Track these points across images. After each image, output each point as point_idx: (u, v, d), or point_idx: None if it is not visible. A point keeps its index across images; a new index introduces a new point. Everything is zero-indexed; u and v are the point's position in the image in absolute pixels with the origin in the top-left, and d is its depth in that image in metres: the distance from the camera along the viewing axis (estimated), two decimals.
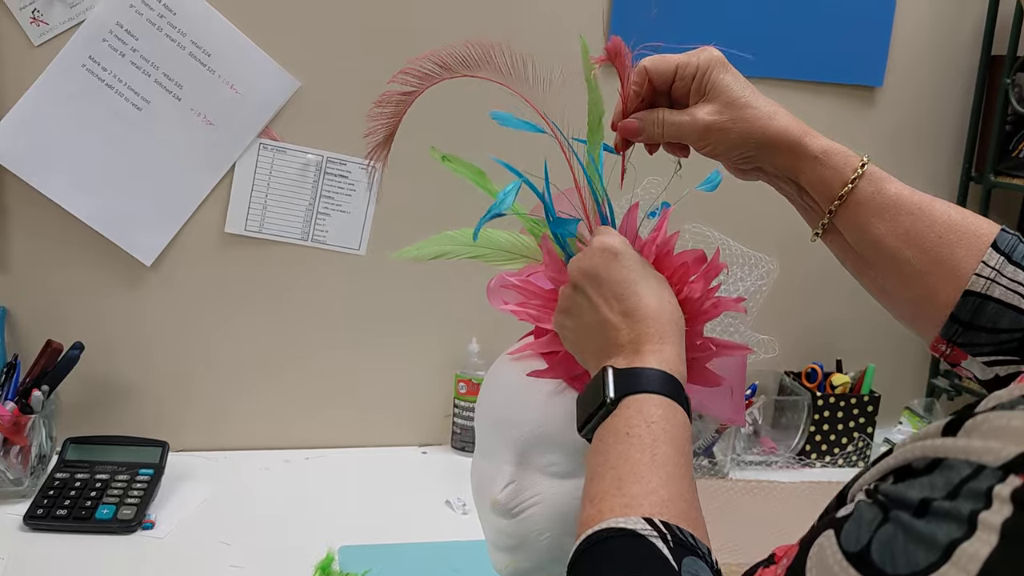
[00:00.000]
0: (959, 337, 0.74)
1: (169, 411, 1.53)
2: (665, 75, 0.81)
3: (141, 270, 1.47)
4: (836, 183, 0.77)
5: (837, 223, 0.79)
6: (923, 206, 0.75)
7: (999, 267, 0.72)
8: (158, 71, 1.39)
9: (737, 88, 0.79)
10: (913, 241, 0.75)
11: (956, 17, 1.71)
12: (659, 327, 0.71)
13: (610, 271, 0.73)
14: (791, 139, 0.77)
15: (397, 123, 0.87)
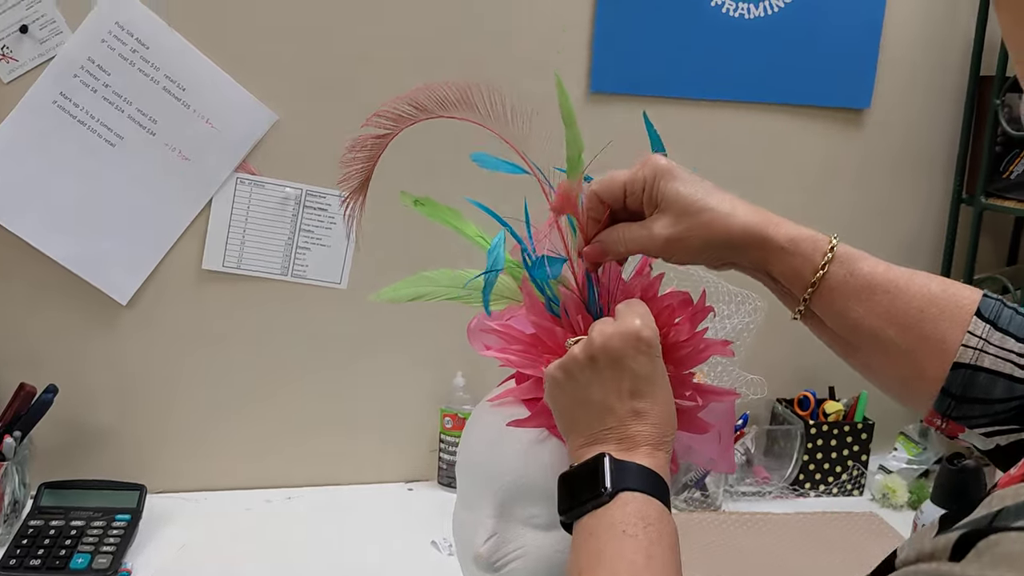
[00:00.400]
0: (953, 411, 0.71)
1: (148, 452, 1.49)
2: (615, 195, 0.78)
3: (117, 310, 1.43)
4: (807, 270, 0.74)
5: (814, 308, 0.76)
6: (900, 282, 0.73)
7: (986, 336, 0.70)
8: (131, 106, 1.36)
9: (688, 194, 0.75)
10: (894, 320, 0.72)
11: (944, 38, 1.69)
12: (662, 435, 0.70)
13: (636, 363, 0.71)
14: (754, 234, 0.74)
15: (372, 167, 0.84)
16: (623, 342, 0.71)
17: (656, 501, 0.67)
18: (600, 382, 0.71)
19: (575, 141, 0.86)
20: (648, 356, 0.71)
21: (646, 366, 0.71)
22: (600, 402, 0.71)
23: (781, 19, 1.58)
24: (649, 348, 0.71)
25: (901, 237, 1.75)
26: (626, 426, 0.70)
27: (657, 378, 0.72)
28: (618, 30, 1.51)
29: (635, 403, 0.70)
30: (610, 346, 0.71)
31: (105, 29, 1.33)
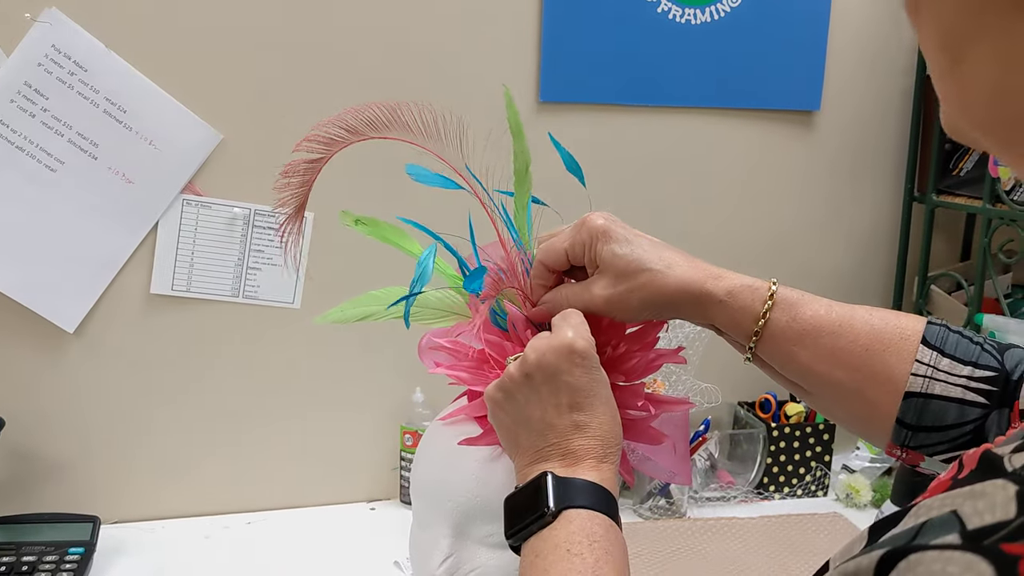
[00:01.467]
0: (910, 440, 0.71)
1: (100, 482, 1.46)
2: (560, 262, 0.79)
3: (64, 338, 1.40)
4: (748, 320, 0.74)
5: (762, 355, 0.76)
6: (843, 322, 0.73)
7: (934, 363, 0.70)
8: (71, 130, 1.33)
9: (624, 255, 0.75)
10: (841, 361, 0.72)
11: (889, 38, 1.70)
12: (605, 447, 0.69)
13: (572, 376, 0.70)
14: (691, 291, 0.74)
15: (307, 193, 0.83)
16: (557, 356, 0.70)
17: (602, 516, 0.66)
18: (538, 399, 0.70)
19: (522, 153, 0.85)
20: (584, 368, 0.70)
21: (582, 378, 0.70)
22: (540, 419, 0.70)
23: (728, 24, 1.58)
24: (584, 360, 0.70)
25: (855, 236, 1.76)
26: (568, 440, 0.69)
27: (596, 389, 0.70)
28: (565, 39, 1.51)
29: (575, 416, 0.69)
30: (544, 362, 0.70)
31: (41, 52, 1.30)
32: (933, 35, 0.43)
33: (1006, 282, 1.74)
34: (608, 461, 0.69)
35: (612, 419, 0.71)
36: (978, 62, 0.40)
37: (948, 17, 0.41)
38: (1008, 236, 1.57)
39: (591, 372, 0.70)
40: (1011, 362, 0.70)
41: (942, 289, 1.71)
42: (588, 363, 0.70)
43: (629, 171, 1.59)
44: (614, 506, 0.68)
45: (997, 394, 0.69)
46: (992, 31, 0.39)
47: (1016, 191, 1.51)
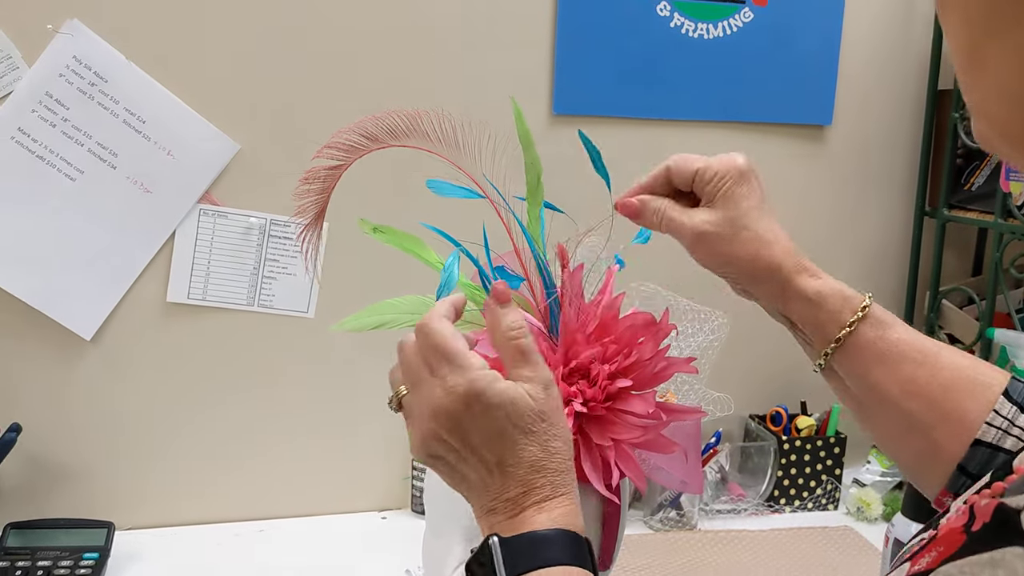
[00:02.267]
0: (966, 490, 0.69)
1: (115, 489, 1.47)
2: (685, 176, 0.77)
3: (81, 345, 1.41)
4: (832, 326, 0.73)
5: (835, 366, 0.74)
6: (928, 353, 0.71)
7: (1012, 417, 0.68)
8: (91, 140, 1.35)
9: (743, 206, 0.75)
10: (917, 391, 0.70)
11: (901, 53, 1.71)
12: (546, 481, 0.63)
13: (476, 422, 0.63)
14: (781, 275, 0.73)
15: (326, 199, 0.84)
16: (454, 405, 0.63)
17: (560, 569, 0.59)
18: (458, 457, 0.64)
19: (534, 165, 0.87)
20: (482, 409, 0.62)
21: (488, 421, 0.63)
22: (473, 477, 0.64)
23: (740, 39, 1.59)
24: (477, 401, 0.62)
25: (866, 251, 1.77)
26: (506, 490, 0.63)
27: (503, 426, 0.63)
28: (578, 53, 1.52)
29: (501, 464, 0.63)
30: (448, 412, 0.63)
31: (63, 63, 1.32)
32: (956, 32, 0.42)
33: (1018, 297, 1.74)
34: (558, 494, 0.63)
35: (542, 446, 0.63)
36: (999, 62, 0.40)
37: (971, 13, 0.41)
38: (1020, 251, 1.58)
39: (490, 412, 0.62)
40: None
41: (953, 304, 1.71)
42: (484, 400, 0.62)
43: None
44: (572, 541, 0.62)
45: None
46: (1013, 30, 0.39)
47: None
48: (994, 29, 0.40)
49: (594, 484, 0.78)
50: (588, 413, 0.79)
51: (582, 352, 0.80)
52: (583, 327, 0.82)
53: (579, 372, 0.81)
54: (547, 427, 0.64)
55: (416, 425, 0.68)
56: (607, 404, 0.80)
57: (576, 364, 0.80)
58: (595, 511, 0.82)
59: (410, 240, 0.87)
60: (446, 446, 0.65)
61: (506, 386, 0.63)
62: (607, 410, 0.80)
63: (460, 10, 1.48)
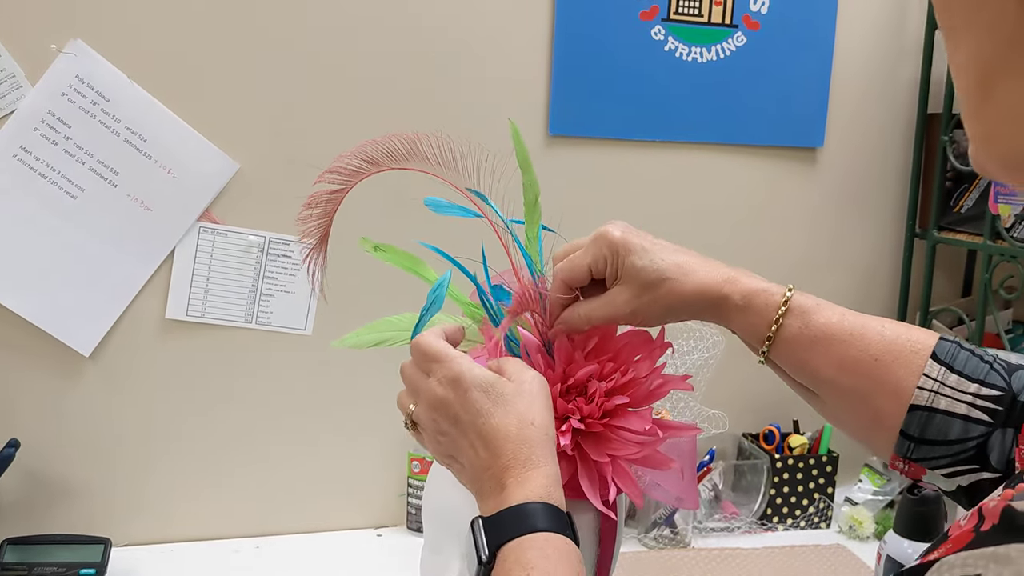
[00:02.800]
0: (913, 453, 0.73)
1: (113, 505, 1.47)
2: (582, 279, 0.81)
3: (79, 361, 1.42)
4: (762, 325, 0.77)
5: (774, 359, 0.78)
6: (854, 331, 0.75)
7: (941, 378, 0.72)
8: (93, 158, 1.36)
9: (645, 267, 0.78)
10: (850, 368, 0.74)
11: (891, 77, 1.74)
12: (521, 450, 0.69)
13: (461, 403, 0.72)
14: (709, 296, 0.77)
15: (329, 223, 0.86)
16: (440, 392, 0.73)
17: (537, 536, 0.65)
18: (459, 447, 0.72)
19: (532, 186, 0.88)
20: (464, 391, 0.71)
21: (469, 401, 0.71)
22: (470, 465, 0.72)
23: (733, 62, 1.62)
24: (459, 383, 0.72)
25: (858, 272, 1.79)
26: (490, 466, 0.70)
27: (481, 401, 0.71)
28: (574, 75, 1.55)
29: (480, 435, 0.70)
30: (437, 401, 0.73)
31: (65, 82, 1.34)
32: (965, 63, 0.43)
33: (1007, 318, 1.76)
34: (533, 465, 0.69)
35: (519, 420, 0.70)
36: (1009, 94, 0.41)
37: (983, 47, 0.42)
38: (1009, 272, 1.60)
39: (470, 390, 0.71)
40: (1019, 383, 0.71)
41: (944, 324, 1.73)
42: (463, 382, 0.72)
43: (636, 204, 1.62)
44: (549, 512, 0.67)
45: (1002, 413, 0.70)
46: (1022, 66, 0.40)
47: (1016, 228, 1.54)
48: (1007, 64, 0.41)
49: (591, 500, 0.79)
50: (585, 429, 0.80)
51: (579, 369, 0.81)
52: (581, 345, 0.84)
53: (576, 389, 0.82)
54: (525, 403, 0.71)
55: (427, 431, 0.75)
56: (604, 420, 0.81)
57: (573, 381, 0.82)
58: (592, 527, 0.83)
59: (410, 259, 0.88)
60: (448, 438, 0.73)
61: (483, 369, 0.73)
62: (604, 426, 0.81)
63: (458, 33, 1.50)
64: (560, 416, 0.80)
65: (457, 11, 1.49)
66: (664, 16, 1.57)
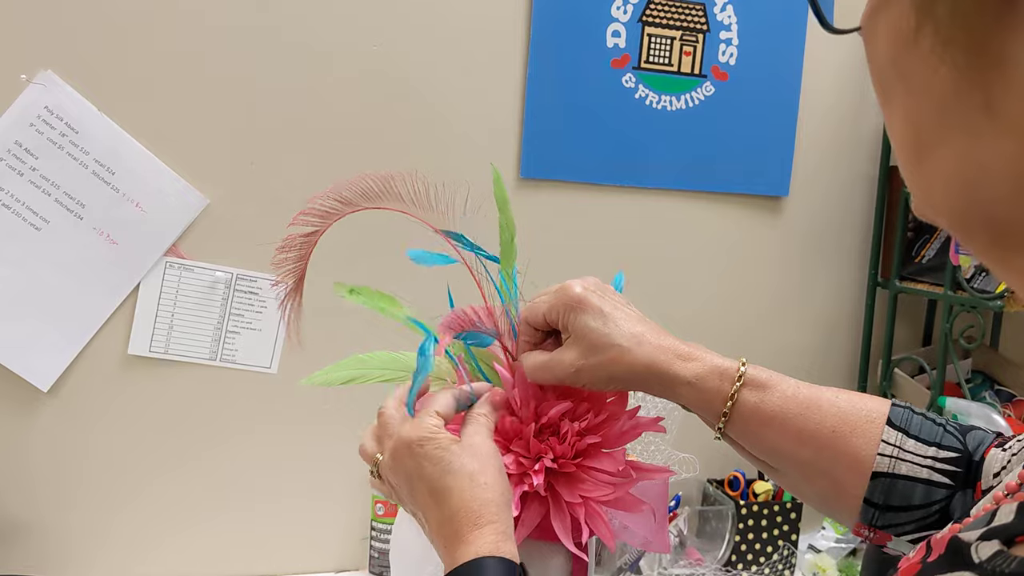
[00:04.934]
0: (878, 520, 0.73)
1: (70, 545, 1.43)
2: (539, 323, 0.82)
3: (37, 397, 1.39)
4: (717, 401, 0.77)
5: (730, 434, 0.78)
6: (810, 403, 0.76)
7: (899, 443, 0.73)
8: (59, 190, 1.35)
9: (595, 329, 0.77)
10: (807, 441, 0.75)
11: (854, 129, 1.78)
12: (472, 507, 0.71)
13: (419, 461, 0.74)
14: (657, 371, 0.77)
15: (304, 266, 0.86)
16: (400, 458, 0.75)
17: None
18: (419, 504, 0.75)
19: (508, 225, 0.89)
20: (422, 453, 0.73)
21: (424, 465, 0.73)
22: (429, 520, 0.74)
23: (701, 112, 1.65)
24: (409, 447, 0.74)
25: (821, 320, 1.81)
26: (444, 524, 0.72)
27: (442, 469, 0.73)
28: (546, 119, 1.56)
29: (435, 494, 0.72)
30: (396, 468, 0.76)
31: (34, 113, 1.33)
32: (900, 128, 0.44)
33: (967, 366, 1.78)
34: (484, 521, 0.70)
35: (470, 480, 0.72)
36: (942, 159, 0.41)
37: (915, 113, 0.42)
38: (969, 322, 1.63)
39: (432, 452, 0.73)
40: (972, 443, 0.72)
41: (905, 372, 1.75)
42: (415, 446, 0.74)
43: (605, 248, 1.63)
44: (501, 567, 0.68)
45: (961, 475, 0.71)
46: (957, 136, 0.40)
47: (976, 279, 1.57)
48: (940, 129, 0.41)
49: (563, 541, 0.78)
50: (558, 469, 0.80)
51: (551, 409, 0.81)
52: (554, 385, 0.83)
53: (549, 429, 0.82)
54: (479, 463, 0.73)
55: (389, 483, 0.78)
56: (577, 461, 0.81)
57: (546, 420, 0.81)
58: (563, 569, 0.83)
59: (385, 299, 0.88)
60: (408, 493, 0.75)
61: (445, 433, 0.75)
62: (577, 467, 0.81)
63: (433, 78, 1.51)
64: (533, 456, 0.80)
65: (432, 57, 1.50)
66: (635, 64, 1.59)
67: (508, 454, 0.80)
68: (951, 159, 0.41)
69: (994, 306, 1.51)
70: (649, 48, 1.59)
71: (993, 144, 0.39)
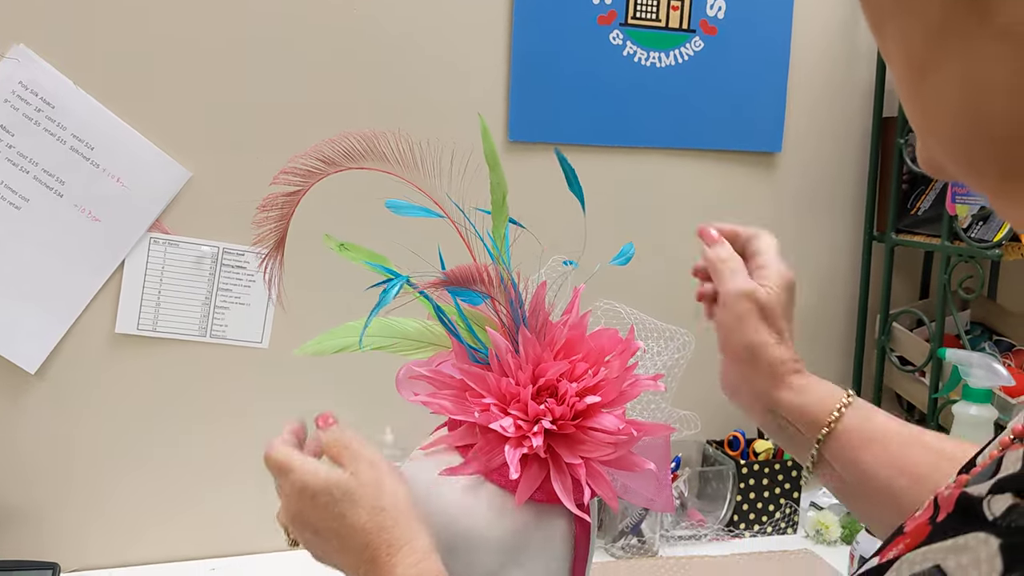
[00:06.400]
0: None
1: (62, 529, 1.42)
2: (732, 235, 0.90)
3: (24, 379, 1.37)
4: (820, 413, 0.76)
5: (825, 454, 0.77)
6: (913, 437, 0.75)
7: None
8: (37, 167, 1.32)
9: (783, 303, 0.84)
10: (906, 470, 0.73)
11: (846, 81, 1.75)
12: (382, 538, 0.70)
13: (315, 512, 0.73)
14: (780, 369, 0.79)
15: (286, 227, 0.83)
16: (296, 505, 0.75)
17: None
18: (326, 549, 0.75)
19: (499, 184, 0.86)
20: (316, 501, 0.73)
21: (319, 510, 0.73)
22: (343, 563, 0.74)
23: (691, 68, 1.62)
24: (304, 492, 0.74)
25: (818, 276, 1.79)
26: (360, 561, 0.71)
27: (339, 511, 0.72)
28: (533, 80, 1.53)
29: (341, 541, 0.72)
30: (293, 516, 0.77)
31: (8, 89, 1.29)
32: (896, 52, 0.42)
33: (965, 317, 1.77)
34: (394, 549, 0.70)
35: (369, 511, 0.71)
36: (940, 80, 0.40)
37: (909, 32, 0.41)
38: (966, 272, 1.61)
39: (325, 497, 0.73)
40: None
41: (904, 326, 1.73)
42: (318, 494, 0.73)
43: (596, 211, 1.60)
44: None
45: None
46: (954, 54, 0.39)
47: (973, 228, 1.55)
48: (938, 51, 0.40)
49: (565, 503, 0.77)
50: (557, 431, 0.78)
51: (549, 370, 0.79)
52: (550, 345, 0.81)
53: (547, 391, 0.80)
54: (369, 491, 0.72)
55: (302, 541, 0.78)
56: (576, 422, 0.79)
57: (544, 382, 0.80)
58: (565, 532, 0.81)
59: (374, 257, 0.86)
60: (318, 546, 0.75)
61: (325, 469, 0.74)
62: (576, 427, 0.79)
63: (415, 39, 1.47)
64: (532, 419, 0.78)
65: (415, 18, 1.47)
66: (622, 20, 1.56)
67: (506, 417, 0.78)
68: (948, 78, 0.40)
69: (992, 255, 1.50)
70: (636, 3, 1.56)
71: (989, 53, 0.38)
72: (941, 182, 1.66)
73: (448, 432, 0.84)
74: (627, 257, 0.88)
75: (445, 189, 0.84)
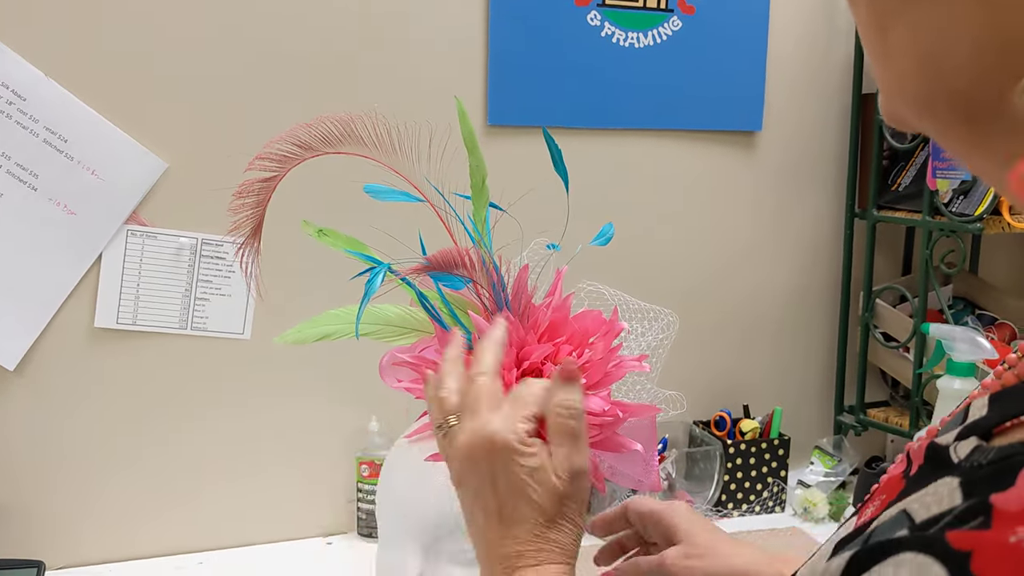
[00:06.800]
0: None
1: (46, 526, 1.40)
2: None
3: (3, 376, 1.35)
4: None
5: None
6: None
7: None
8: (10, 161, 1.30)
9: (705, 536, 0.82)
10: None
11: (825, 58, 1.74)
12: (543, 544, 0.66)
13: (504, 469, 0.66)
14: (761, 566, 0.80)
15: (262, 213, 0.82)
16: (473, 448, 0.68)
17: None
18: (480, 496, 0.68)
19: (479, 167, 0.86)
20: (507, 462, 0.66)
21: (508, 474, 0.66)
22: (479, 523, 0.68)
23: (670, 47, 1.61)
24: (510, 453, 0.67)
25: (800, 254, 1.79)
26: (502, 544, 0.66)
27: (521, 484, 0.66)
28: (511, 63, 1.52)
29: (502, 516, 0.67)
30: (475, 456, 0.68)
31: None
32: (864, 13, 0.44)
33: (948, 292, 1.78)
34: (553, 561, 0.66)
35: (547, 518, 0.66)
36: (903, 35, 0.42)
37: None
38: (948, 247, 1.61)
39: (514, 466, 0.66)
40: None
41: (887, 302, 1.74)
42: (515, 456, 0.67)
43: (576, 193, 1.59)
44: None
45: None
46: (917, 7, 0.40)
47: (954, 203, 1.55)
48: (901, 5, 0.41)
49: None
50: None
51: (533, 353, 0.79)
52: (534, 327, 0.81)
53: (532, 373, 0.79)
54: (561, 507, 0.66)
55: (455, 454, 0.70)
56: None
57: (528, 365, 0.79)
58: None
59: (352, 243, 0.85)
60: (471, 490, 0.68)
61: (541, 455, 0.67)
62: None
63: (392, 23, 1.46)
64: None
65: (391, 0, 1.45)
66: (599, 1, 1.55)
67: None
68: (911, 31, 0.41)
69: (973, 228, 1.50)
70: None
71: (951, 7, 0.39)
72: (922, 157, 1.66)
73: None
74: (607, 237, 0.87)
75: (424, 173, 0.83)
